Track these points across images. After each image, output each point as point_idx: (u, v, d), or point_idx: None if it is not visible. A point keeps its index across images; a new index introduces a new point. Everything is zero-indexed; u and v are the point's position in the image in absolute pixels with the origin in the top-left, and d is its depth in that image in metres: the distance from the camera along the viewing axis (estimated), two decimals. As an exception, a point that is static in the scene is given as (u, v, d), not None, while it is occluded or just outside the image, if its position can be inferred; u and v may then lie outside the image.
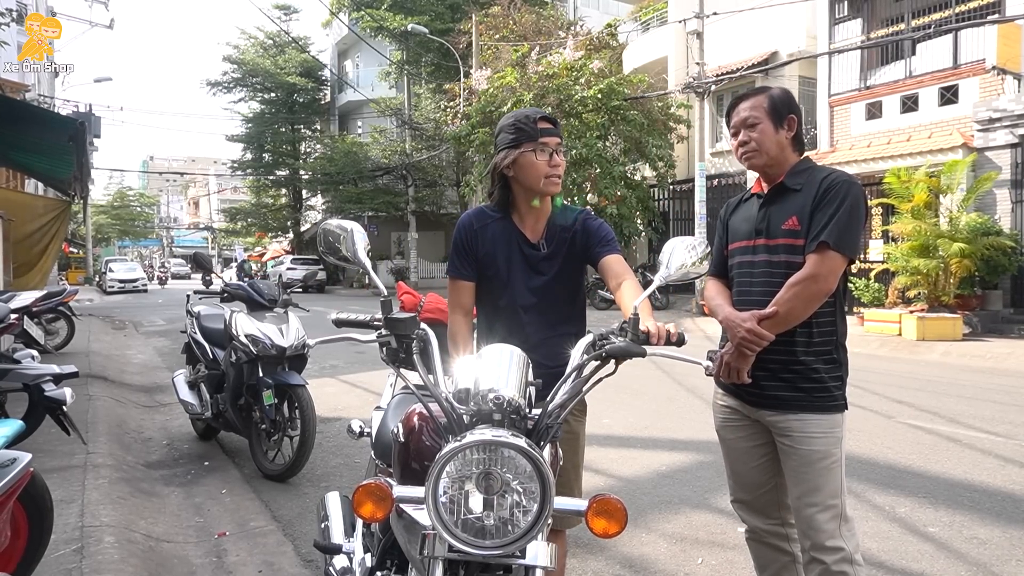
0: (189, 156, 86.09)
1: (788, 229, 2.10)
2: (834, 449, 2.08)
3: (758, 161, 2.18)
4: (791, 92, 2.28)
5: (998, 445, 5.04)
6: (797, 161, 2.20)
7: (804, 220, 2.07)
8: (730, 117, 2.26)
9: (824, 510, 2.06)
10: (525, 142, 2.13)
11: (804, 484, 2.09)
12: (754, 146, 2.16)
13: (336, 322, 2.01)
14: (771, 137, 2.16)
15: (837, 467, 2.08)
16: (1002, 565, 3.11)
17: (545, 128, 2.16)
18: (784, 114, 2.17)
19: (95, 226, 46.83)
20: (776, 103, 2.17)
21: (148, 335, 13.13)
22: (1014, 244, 11.48)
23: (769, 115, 2.16)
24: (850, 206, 2.01)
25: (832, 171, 2.13)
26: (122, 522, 3.38)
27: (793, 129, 2.19)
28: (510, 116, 2.22)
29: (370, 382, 7.44)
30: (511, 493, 1.39)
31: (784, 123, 2.17)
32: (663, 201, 19.43)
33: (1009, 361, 9.22)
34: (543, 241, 2.25)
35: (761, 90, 2.24)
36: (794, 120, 2.19)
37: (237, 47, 34.07)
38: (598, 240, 2.23)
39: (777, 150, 2.16)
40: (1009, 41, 12.38)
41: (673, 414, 6.13)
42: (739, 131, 2.21)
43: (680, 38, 17.57)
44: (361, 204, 28.84)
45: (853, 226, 2.02)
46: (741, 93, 2.28)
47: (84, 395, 6.22)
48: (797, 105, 2.22)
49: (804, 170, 2.17)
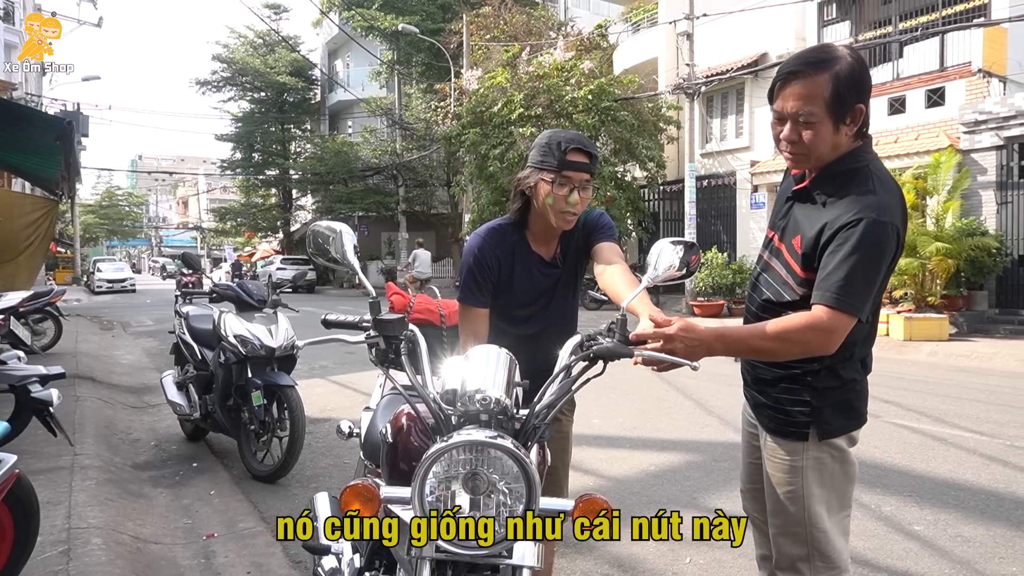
0: (178, 155, 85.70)
1: (793, 246, 1.79)
2: (792, 479, 1.82)
3: (803, 166, 1.80)
4: (864, 64, 1.71)
5: (983, 444, 5.10)
6: (843, 154, 1.74)
7: (805, 247, 1.74)
8: (774, 93, 1.76)
9: (785, 535, 1.88)
10: (547, 169, 2.02)
11: (770, 501, 1.93)
12: (803, 149, 1.73)
13: (325, 323, 2.01)
14: (827, 140, 1.69)
15: (799, 499, 1.82)
16: (985, 563, 3.15)
17: (574, 162, 2.00)
18: (851, 103, 1.67)
19: (83, 226, 46.45)
20: (842, 89, 1.65)
21: (136, 335, 13.05)
22: (999, 245, 11.61)
23: (830, 110, 1.66)
24: (858, 258, 1.62)
25: (863, 199, 1.66)
26: (109, 524, 3.36)
27: (858, 122, 1.70)
28: (547, 134, 2.09)
29: (360, 383, 7.42)
30: (497, 493, 1.40)
31: (848, 116, 1.68)
32: (653, 202, 19.50)
33: (994, 361, 9.31)
34: (559, 257, 2.18)
35: (823, 63, 1.66)
36: (861, 111, 1.69)
37: (227, 46, 33.95)
38: (596, 228, 2.18)
39: (831, 153, 1.73)
40: (994, 44, 12.51)
41: (662, 414, 6.16)
42: (784, 119, 1.73)
43: (670, 39, 17.65)
44: (351, 204, 28.79)
45: (858, 281, 1.63)
46: (795, 65, 1.70)
47: (71, 396, 6.18)
48: (869, 84, 1.71)
49: (842, 173, 1.73)
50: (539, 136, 2.11)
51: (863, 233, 1.62)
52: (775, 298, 1.84)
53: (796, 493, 1.83)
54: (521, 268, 2.15)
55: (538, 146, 2.07)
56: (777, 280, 1.85)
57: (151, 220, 72.09)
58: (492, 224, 2.21)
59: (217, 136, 36.55)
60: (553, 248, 2.19)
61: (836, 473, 1.85)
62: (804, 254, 1.74)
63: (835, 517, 1.88)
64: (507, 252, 2.15)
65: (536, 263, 2.17)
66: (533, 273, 2.17)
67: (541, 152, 2.04)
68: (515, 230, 2.17)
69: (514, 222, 2.17)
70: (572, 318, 2.28)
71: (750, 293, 2.01)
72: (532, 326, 2.16)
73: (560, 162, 2.00)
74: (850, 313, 1.64)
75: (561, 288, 2.21)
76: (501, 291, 2.15)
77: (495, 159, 16.54)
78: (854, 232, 1.62)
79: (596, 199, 16.54)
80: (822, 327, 1.64)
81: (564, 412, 2.29)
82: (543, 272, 2.17)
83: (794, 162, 1.81)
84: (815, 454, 1.82)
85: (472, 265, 2.12)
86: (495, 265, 2.13)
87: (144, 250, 69.27)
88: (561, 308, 2.23)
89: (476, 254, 2.13)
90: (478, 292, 2.12)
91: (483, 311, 2.14)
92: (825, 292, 1.64)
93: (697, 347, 1.63)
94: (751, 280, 2.02)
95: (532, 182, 2.06)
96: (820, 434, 1.81)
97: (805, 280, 1.75)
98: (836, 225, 1.66)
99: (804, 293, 1.75)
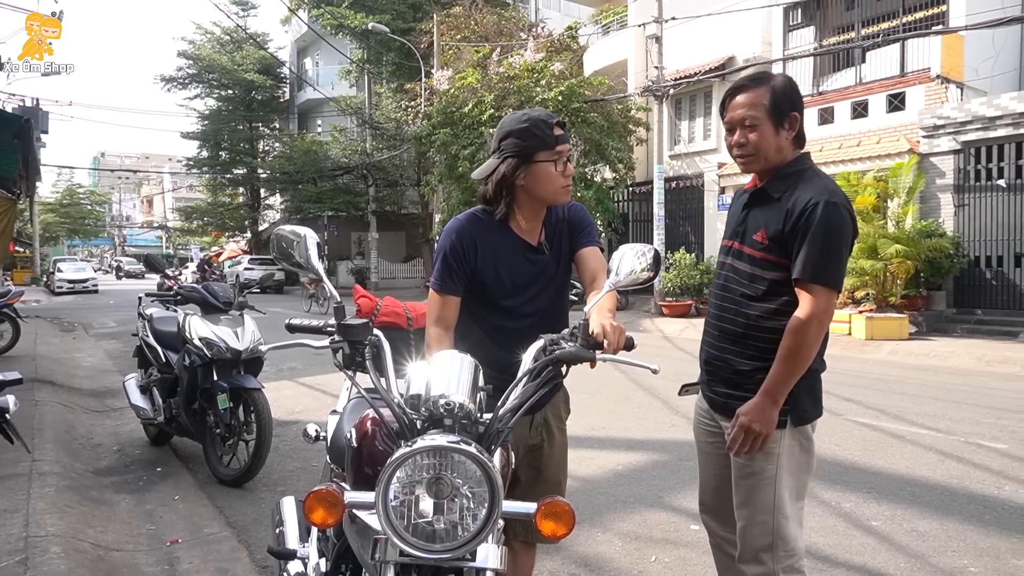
0: (142, 153, 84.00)
1: (756, 240, 1.99)
2: (766, 466, 1.97)
3: (755, 167, 2.02)
4: (794, 82, 2.05)
5: (938, 440, 5.25)
6: (789, 160, 2.01)
7: (771, 234, 1.95)
8: (725, 109, 2.04)
9: (752, 525, 2.00)
10: (541, 150, 1.98)
11: (738, 495, 2.04)
12: (751, 150, 1.98)
13: (289, 327, 2.00)
14: (771, 141, 1.96)
15: (769, 485, 1.97)
16: (939, 556, 3.25)
17: (561, 135, 2.00)
18: (786, 112, 1.97)
19: (43, 225, 45.32)
20: (778, 99, 1.95)
21: (99, 337, 12.77)
22: (956, 247, 11.95)
23: (770, 115, 1.95)
24: (823, 233, 1.86)
25: (812, 187, 1.94)
26: (69, 531, 3.30)
27: (795, 128, 1.99)
28: (520, 119, 2.00)
29: (329, 384, 7.36)
30: (461, 497, 1.41)
31: (786, 122, 1.97)
32: (623, 203, 19.65)
33: (951, 360, 9.59)
34: (544, 243, 2.13)
35: (761, 80, 2.00)
36: (796, 118, 1.98)
37: (193, 42, 33.33)
38: (581, 229, 2.15)
39: (776, 155, 1.99)
40: (952, 51, 12.87)
41: (629, 414, 6.22)
42: (735, 129, 2.00)
43: (640, 42, 17.79)
44: (321, 204, 28.47)
45: (831, 255, 1.88)
46: (739, 82, 2.03)
47: (30, 400, 6.03)
48: (800, 97, 2.02)
49: (791, 174, 1.99)
50: (508, 122, 2.03)
51: (822, 213, 1.87)
52: (752, 292, 2.01)
53: (769, 479, 1.97)
54: (507, 254, 2.08)
55: (514, 134, 1.99)
56: (746, 277, 2.02)
57: (114, 219, 70.49)
58: (474, 210, 2.15)
59: (183, 134, 35.82)
60: (538, 233, 2.12)
61: (802, 462, 2.03)
62: (771, 239, 1.95)
63: (795, 505, 2.02)
64: (489, 238, 2.08)
65: (523, 248, 2.10)
66: (519, 258, 2.09)
67: (527, 137, 1.97)
68: (499, 221, 2.10)
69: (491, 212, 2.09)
70: (564, 312, 2.22)
71: (719, 295, 2.11)
72: (523, 319, 2.08)
73: (552, 139, 1.98)
74: (828, 286, 1.88)
75: (550, 277, 2.15)
76: (487, 281, 2.07)
77: (465, 159, 16.53)
78: (815, 214, 1.87)
79: (566, 200, 16.64)
80: (812, 314, 1.87)
81: (562, 420, 2.28)
82: (529, 257, 2.11)
83: (745, 164, 2.03)
84: (789, 441, 1.98)
85: (448, 251, 2.07)
86: (472, 250, 2.06)
87: (107, 249, 67.66)
88: (552, 301, 2.17)
89: (453, 238, 2.07)
90: (453, 281, 2.06)
91: (457, 299, 2.07)
92: (805, 269, 1.88)
93: (768, 417, 1.91)
94: (717, 285, 2.13)
95: (529, 168, 1.98)
96: (795, 420, 1.98)
97: (774, 264, 1.96)
98: (797, 210, 1.90)
99: (773, 277, 1.97)
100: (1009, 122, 11.53)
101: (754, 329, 2.00)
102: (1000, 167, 11.95)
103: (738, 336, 2.03)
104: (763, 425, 1.91)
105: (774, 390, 1.91)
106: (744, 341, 2.02)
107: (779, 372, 1.91)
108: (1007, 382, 7.97)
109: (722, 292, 2.09)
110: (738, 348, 2.04)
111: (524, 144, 1.98)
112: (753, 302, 2.00)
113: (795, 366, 1.90)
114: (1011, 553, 3.28)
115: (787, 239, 1.92)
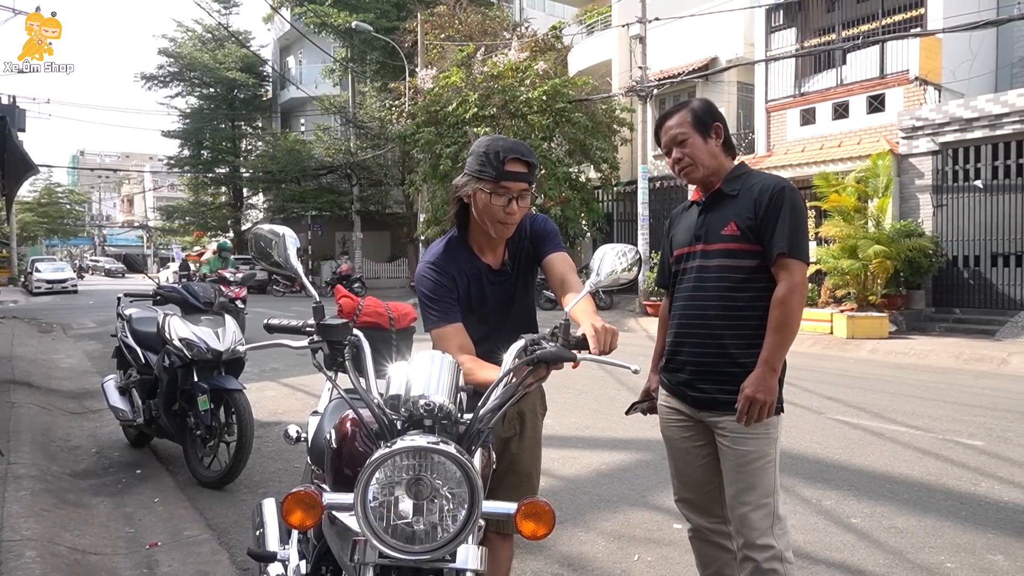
0: (123, 152, 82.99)
1: (727, 234, 2.15)
2: (768, 449, 2.13)
3: (696, 175, 2.22)
4: (711, 101, 2.34)
5: (917, 438, 5.32)
6: (732, 167, 2.25)
7: (742, 225, 2.12)
8: (659, 138, 2.29)
9: (756, 509, 2.10)
10: (485, 179, 1.97)
11: (739, 483, 2.13)
12: (688, 161, 2.20)
13: (268, 327, 1.98)
14: (702, 149, 2.20)
15: (771, 467, 2.13)
16: (916, 553, 3.29)
17: (512, 172, 1.95)
18: (709, 124, 2.21)
19: (20, 224, 44.61)
20: (699, 115, 2.21)
21: (77, 338, 12.59)
22: (934, 246, 12.11)
23: (695, 128, 2.20)
24: (791, 212, 2.08)
25: (765, 177, 2.20)
26: (45, 535, 3.25)
27: (721, 136, 2.23)
28: (484, 142, 2.02)
29: (311, 385, 7.32)
30: (440, 498, 1.40)
31: (711, 132, 2.21)
32: (607, 203, 19.71)
33: (930, 358, 9.72)
34: (507, 263, 2.16)
35: (681, 106, 2.27)
36: (720, 127, 2.22)
37: (173, 40, 32.98)
38: (544, 239, 2.18)
39: (711, 160, 2.21)
40: (930, 54, 13.04)
41: (613, 414, 6.23)
42: (671, 149, 2.24)
43: (624, 42, 17.85)
44: (304, 203, 28.25)
45: (801, 232, 2.10)
46: (664, 113, 2.32)
47: (6, 402, 5.94)
48: (719, 112, 2.28)
49: (740, 175, 2.22)
50: (476, 143, 2.05)
51: (788, 196, 2.11)
52: (732, 284, 2.15)
53: (771, 462, 2.14)
54: (473, 285, 2.11)
55: (475, 154, 2.01)
56: (724, 270, 2.16)
57: (94, 218, 69.56)
58: (437, 245, 2.17)
59: (164, 132, 35.40)
60: (500, 254, 2.16)
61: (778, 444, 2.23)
62: (743, 229, 2.13)
63: None
64: (459, 267, 2.10)
65: (485, 273, 2.13)
66: (483, 286, 2.12)
67: (479, 161, 1.98)
68: (460, 243, 2.13)
69: (457, 234, 2.14)
70: (531, 318, 2.28)
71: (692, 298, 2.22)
72: (492, 343, 2.03)
73: (498, 172, 1.95)
74: (802, 259, 2.09)
75: (518, 300, 2.20)
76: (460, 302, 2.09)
77: (449, 158, 16.50)
78: (782, 196, 2.10)
79: (551, 199, 16.70)
80: (793, 286, 2.07)
81: (537, 415, 2.30)
82: (493, 281, 2.14)
83: (687, 175, 2.24)
84: (777, 425, 2.17)
85: (433, 287, 2.06)
86: (450, 281, 2.07)
87: (86, 249, 66.70)
88: (519, 316, 2.21)
89: (435, 276, 2.07)
90: (446, 311, 2.04)
91: (459, 324, 2.04)
92: (785, 243, 2.07)
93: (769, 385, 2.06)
94: (685, 294, 2.24)
95: (470, 191, 2.02)
96: (779, 407, 2.16)
97: (747, 252, 2.13)
98: (765, 196, 2.11)
99: (748, 264, 2.13)
100: (985, 124, 11.70)
101: (747, 315, 2.14)
102: (977, 168, 12.13)
103: (734, 327, 2.15)
104: (766, 393, 2.06)
105: (771, 359, 2.08)
106: (740, 331, 2.14)
107: (773, 342, 2.08)
108: (984, 380, 8.09)
109: (695, 293, 2.22)
110: (738, 339, 2.15)
111: (475, 167, 2.00)
112: (736, 292, 2.15)
113: (787, 334, 2.08)
114: (987, 548, 3.33)
115: (760, 225, 2.11)
